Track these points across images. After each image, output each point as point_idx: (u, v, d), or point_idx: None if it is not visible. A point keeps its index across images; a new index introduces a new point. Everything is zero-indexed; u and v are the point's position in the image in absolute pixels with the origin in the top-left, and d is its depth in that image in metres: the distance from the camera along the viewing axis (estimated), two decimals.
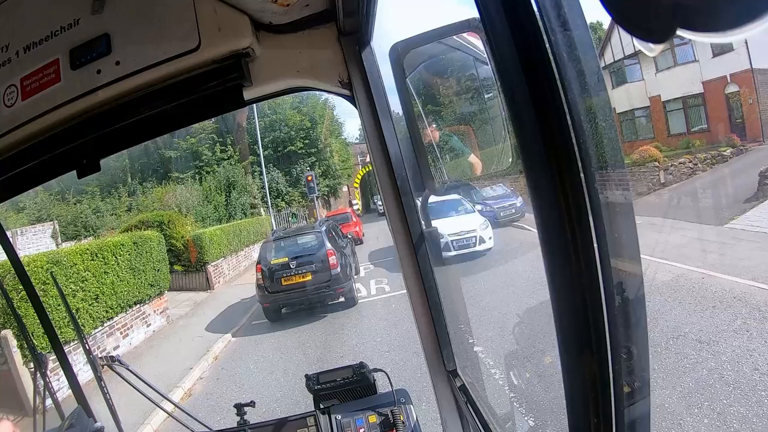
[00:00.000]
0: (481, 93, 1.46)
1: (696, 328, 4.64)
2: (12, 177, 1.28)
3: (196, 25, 1.13)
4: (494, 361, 5.27)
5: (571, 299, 0.53)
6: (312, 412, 1.98)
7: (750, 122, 12.07)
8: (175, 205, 19.83)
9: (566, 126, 0.50)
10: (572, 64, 0.52)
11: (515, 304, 6.69)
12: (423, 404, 3.98)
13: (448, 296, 1.61)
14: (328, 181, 28.12)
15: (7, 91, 1.18)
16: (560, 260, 0.52)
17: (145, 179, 23.69)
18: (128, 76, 1.15)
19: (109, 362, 2.00)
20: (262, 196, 24.02)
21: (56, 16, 1.16)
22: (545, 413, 3.86)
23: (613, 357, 0.54)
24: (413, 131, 1.41)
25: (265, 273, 9.56)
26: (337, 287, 9.42)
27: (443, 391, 1.58)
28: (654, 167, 11.47)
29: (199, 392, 6.94)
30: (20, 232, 14.98)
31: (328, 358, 7.06)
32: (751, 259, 5.88)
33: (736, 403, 3.45)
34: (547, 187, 0.51)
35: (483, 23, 0.53)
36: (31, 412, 2.15)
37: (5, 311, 6.29)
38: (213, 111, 1.30)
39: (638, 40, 0.34)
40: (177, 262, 14.49)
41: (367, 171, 29.45)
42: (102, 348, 8.42)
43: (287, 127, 26.21)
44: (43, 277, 6.91)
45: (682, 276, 5.93)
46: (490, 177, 10.25)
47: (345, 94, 1.41)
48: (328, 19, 1.29)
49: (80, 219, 18.95)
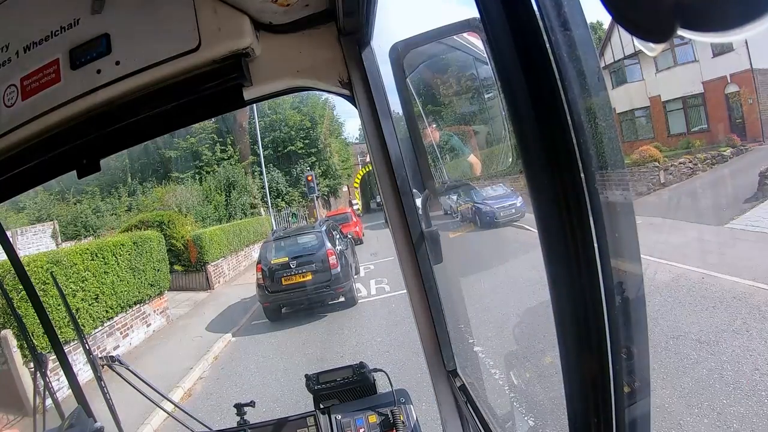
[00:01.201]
0: (481, 93, 1.46)
1: (696, 328, 4.64)
2: (12, 177, 1.28)
3: (196, 25, 1.13)
4: (494, 361, 5.27)
5: (571, 299, 0.53)
6: (312, 412, 1.98)
7: (750, 122, 12.07)
8: (175, 205, 19.83)
9: (566, 126, 0.50)
10: (572, 64, 0.52)
11: (515, 304, 6.68)
12: (423, 404, 3.98)
13: (448, 296, 1.61)
14: (328, 181, 28.12)
15: (7, 91, 1.18)
16: (560, 260, 0.52)
17: (145, 179, 23.70)
18: (128, 76, 1.15)
19: (109, 362, 2.00)
20: (262, 196, 24.02)
21: (56, 16, 1.16)
22: (545, 413, 3.86)
23: (613, 357, 0.54)
24: (413, 131, 1.41)
25: (266, 272, 9.59)
26: (337, 287, 9.45)
27: (443, 391, 1.58)
28: (654, 167, 11.46)
29: (199, 392, 6.94)
30: (20, 232, 14.98)
31: (328, 358, 7.06)
32: (751, 259, 5.88)
33: (736, 403, 3.45)
34: (547, 187, 0.51)
35: (483, 23, 0.53)
36: (31, 412, 2.15)
37: (5, 311, 6.29)
38: (213, 111, 1.30)
39: (638, 40, 0.34)
40: (177, 262, 14.49)
41: (367, 171, 29.45)
42: (102, 348, 8.42)
43: (287, 127, 26.21)
44: (43, 277, 6.90)
45: (682, 276, 5.93)
46: (490, 177, 10.26)
47: (345, 94, 1.41)
48: (328, 19, 1.28)
49: (80, 219, 18.97)
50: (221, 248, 15.64)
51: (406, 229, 1.46)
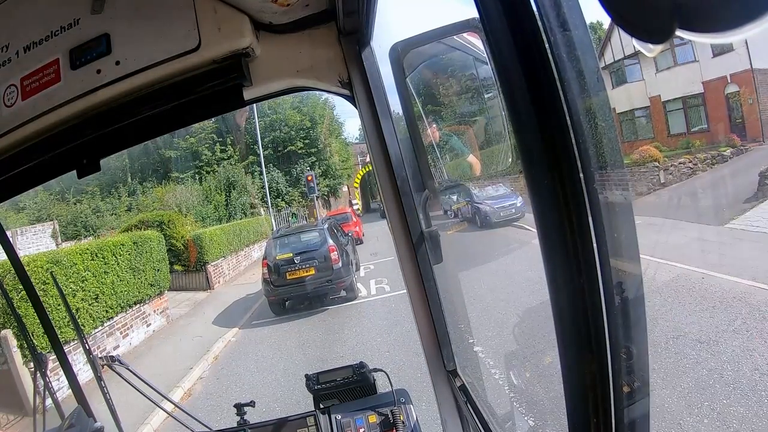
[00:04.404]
0: (481, 93, 1.46)
1: (696, 328, 4.63)
2: (12, 177, 1.28)
3: (196, 25, 1.13)
4: (494, 361, 5.27)
5: (570, 299, 0.53)
6: (312, 412, 1.98)
7: (750, 122, 12.06)
8: (175, 205, 19.84)
9: (566, 126, 0.50)
10: (572, 64, 0.52)
11: (515, 304, 6.69)
12: (423, 404, 3.98)
13: (448, 296, 1.61)
14: (328, 181, 28.12)
15: (7, 91, 1.18)
16: (560, 260, 0.52)
17: (145, 179, 23.71)
18: (128, 76, 1.15)
19: (109, 362, 2.00)
20: (262, 196, 24.02)
21: (56, 16, 1.15)
22: (545, 413, 3.86)
23: (612, 357, 0.54)
24: (413, 131, 1.41)
25: (271, 268, 10.02)
26: (339, 281, 9.92)
27: (443, 391, 1.58)
28: (654, 167, 11.45)
29: (199, 392, 6.94)
30: (20, 232, 14.99)
31: (328, 358, 7.06)
32: (751, 259, 5.87)
33: (736, 403, 3.45)
34: (547, 187, 0.51)
35: (483, 23, 0.53)
36: (31, 412, 2.15)
37: (5, 311, 6.29)
38: (213, 111, 1.30)
39: (637, 41, 0.34)
40: (177, 262, 14.50)
41: (367, 171, 29.45)
42: (102, 348, 8.42)
43: (287, 127, 26.21)
44: (43, 277, 6.90)
45: (682, 276, 5.92)
46: (489, 177, 10.27)
47: (345, 94, 1.41)
48: (328, 19, 1.28)
49: (80, 219, 18.98)
50: (221, 248, 15.64)
51: (406, 229, 1.46)
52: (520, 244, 10.65)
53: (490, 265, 9.61)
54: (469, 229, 13.32)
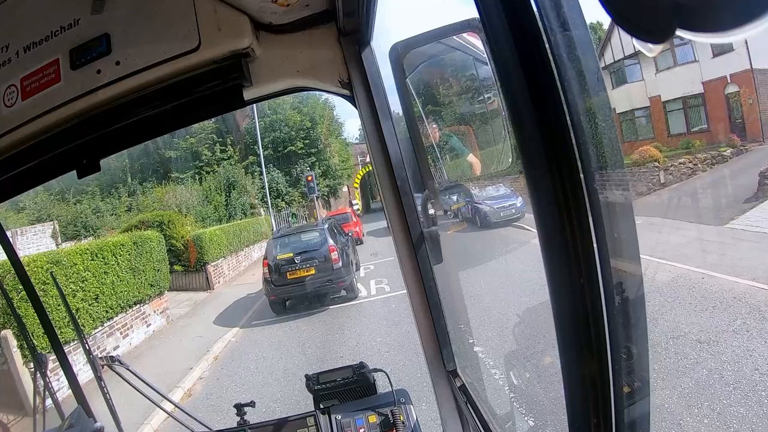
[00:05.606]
0: (481, 93, 1.46)
1: (696, 328, 4.63)
2: (12, 177, 1.28)
3: (196, 25, 1.13)
4: (494, 361, 5.27)
5: (570, 299, 0.53)
6: (312, 412, 1.98)
7: (750, 122, 12.06)
8: (175, 205, 19.83)
9: (566, 126, 0.50)
10: (572, 64, 0.52)
11: (515, 304, 6.68)
12: (423, 404, 3.98)
13: (448, 296, 1.61)
14: (328, 181, 28.11)
15: (7, 91, 1.18)
16: (560, 260, 0.52)
17: (145, 179, 23.70)
18: (128, 76, 1.15)
19: (109, 362, 2.00)
20: (261, 196, 24.02)
21: (56, 16, 1.15)
22: (545, 413, 3.85)
23: (612, 357, 0.54)
24: (413, 131, 1.41)
25: (272, 268, 10.08)
26: (339, 281, 9.98)
27: (443, 391, 1.58)
28: (654, 167, 11.46)
29: (199, 392, 6.94)
30: (20, 232, 14.99)
31: (328, 358, 7.06)
32: (751, 259, 5.87)
33: (736, 404, 3.44)
34: (547, 187, 0.51)
35: (483, 23, 0.53)
36: (31, 412, 2.15)
37: (5, 311, 6.29)
38: (213, 111, 1.30)
39: (637, 41, 0.34)
40: (177, 262, 14.50)
41: (367, 171, 29.44)
42: (102, 348, 8.42)
43: (287, 127, 26.20)
44: (43, 277, 6.90)
45: (682, 276, 5.92)
46: (489, 177, 10.27)
47: (345, 94, 1.41)
48: (328, 19, 1.28)
49: (80, 219, 18.96)
50: (221, 248, 15.64)
51: (406, 229, 1.46)
52: (520, 244, 10.65)
53: (491, 265, 9.62)
54: (469, 229, 13.31)
